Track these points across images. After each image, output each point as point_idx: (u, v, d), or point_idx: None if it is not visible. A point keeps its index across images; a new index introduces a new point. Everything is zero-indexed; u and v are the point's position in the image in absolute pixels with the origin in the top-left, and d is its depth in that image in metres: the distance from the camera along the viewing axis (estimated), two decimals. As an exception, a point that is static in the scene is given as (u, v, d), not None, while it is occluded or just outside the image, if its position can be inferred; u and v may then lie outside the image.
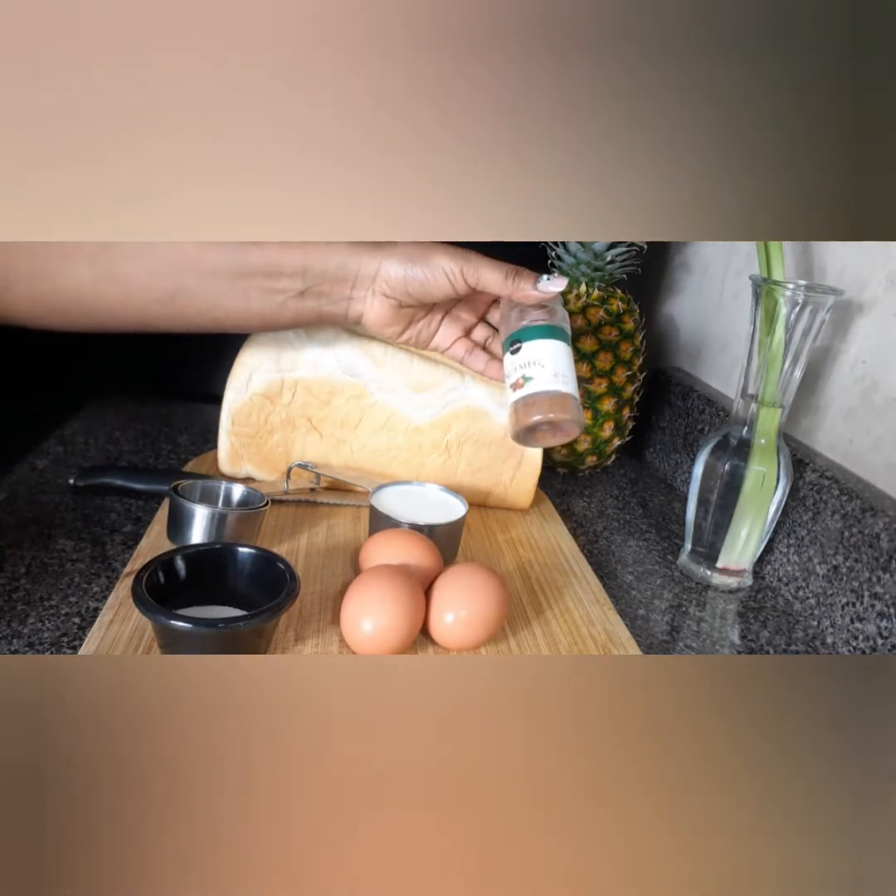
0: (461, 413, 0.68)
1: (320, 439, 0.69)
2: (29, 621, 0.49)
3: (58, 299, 0.52)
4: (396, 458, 0.69)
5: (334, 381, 0.67)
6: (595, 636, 0.54)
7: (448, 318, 0.61)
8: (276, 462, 0.69)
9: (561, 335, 0.56)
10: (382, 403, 0.68)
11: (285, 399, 0.67)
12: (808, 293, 0.59)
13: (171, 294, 0.53)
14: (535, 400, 0.54)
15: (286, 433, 0.69)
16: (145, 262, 0.52)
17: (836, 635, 0.59)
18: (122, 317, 0.54)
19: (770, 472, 0.62)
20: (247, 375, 0.67)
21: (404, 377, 0.67)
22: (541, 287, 0.56)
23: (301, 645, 0.49)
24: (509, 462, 0.70)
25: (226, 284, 0.53)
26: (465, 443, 0.69)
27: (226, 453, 0.69)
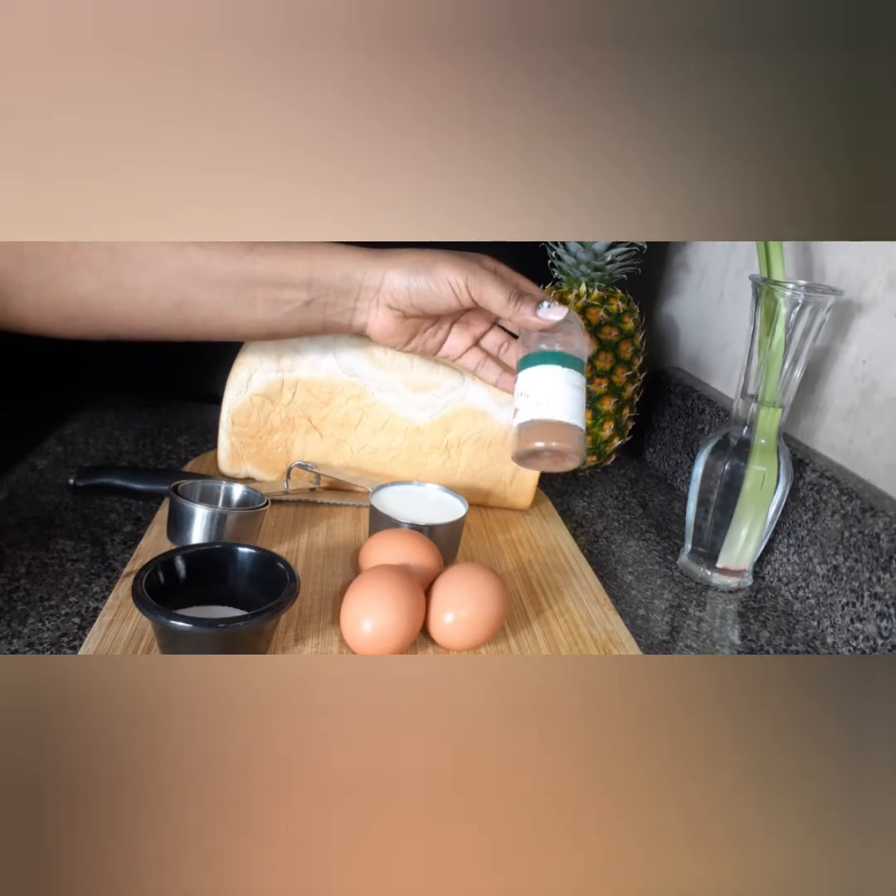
0: (461, 413, 0.68)
1: (320, 439, 0.69)
2: (29, 621, 0.49)
3: (65, 308, 0.52)
4: (396, 458, 0.69)
5: (334, 381, 0.67)
6: (595, 636, 0.54)
7: (457, 325, 0.61)
8: (276, 462, 0.69)
9: (568, 361, 0.55)
10: (382, 403, 0.68)
11: (285, 399, 0.67)
12: (808, 293, 0.59)
13: (177, 304, 0.53)
14: (530, 427, 0.53)
15: (286, 433, 0.69)
16: (151, 272, 0.52)
17: (836, 635, 0.59)
18: (129, 326, 0.54)
19: (770, 472, 0.62)
20: (247, 375, 0.67)
21: (404, 377, 0.67)
22: (540, 314, 0.55)
23: (301, 645, 0.49)
24: (509, 462, 0.69)
25: (231, 294, 0.54)
26: (465, 443, 0.69)
27: (226, 453, 0.69)
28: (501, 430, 0.69)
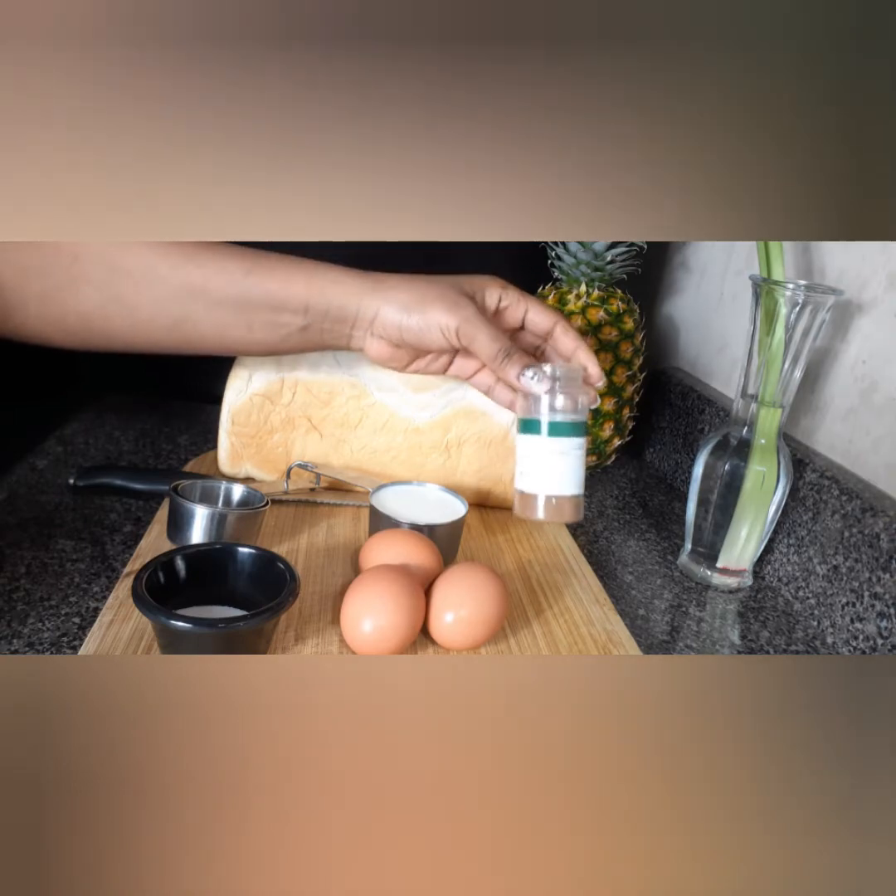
0: (461, 413, 0.68)
1: (320, 439, 0.69)
2: (29, 621, 0.49)
3: (67, 322, 0.53)
4: (396, 458, 0.69)
5: (334, 381, 0.67)
6: (595, 636, 0.54)
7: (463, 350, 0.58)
8: (276, 462, 0.69)
9: (558, 430, 0.53)
10: (382, 403, 0.68)
11: (285, 399, 0.67)
12: (808, 293, 0.59)
13: (176, 321, 0.54)
14: (519, 496, 0.55)
15: (286, 433, 0.69)
16: (152, 288, 0.52)
17: (836, 635, 0.59)
18: (129, 340, 0.55)
19: (770, 472, 0.62)
20: (247, 375, 0.67)
21: (404, 377, 0.67)
22: (522, 381, 0.54)
23: (301, 645, 0.49)
24: (509, 462, 0.69)
25: (230, 315, 0.54)
26: (465, 443, 0.69)
27: (226, 453, 0.69)
28: (501, 430, 0.69)
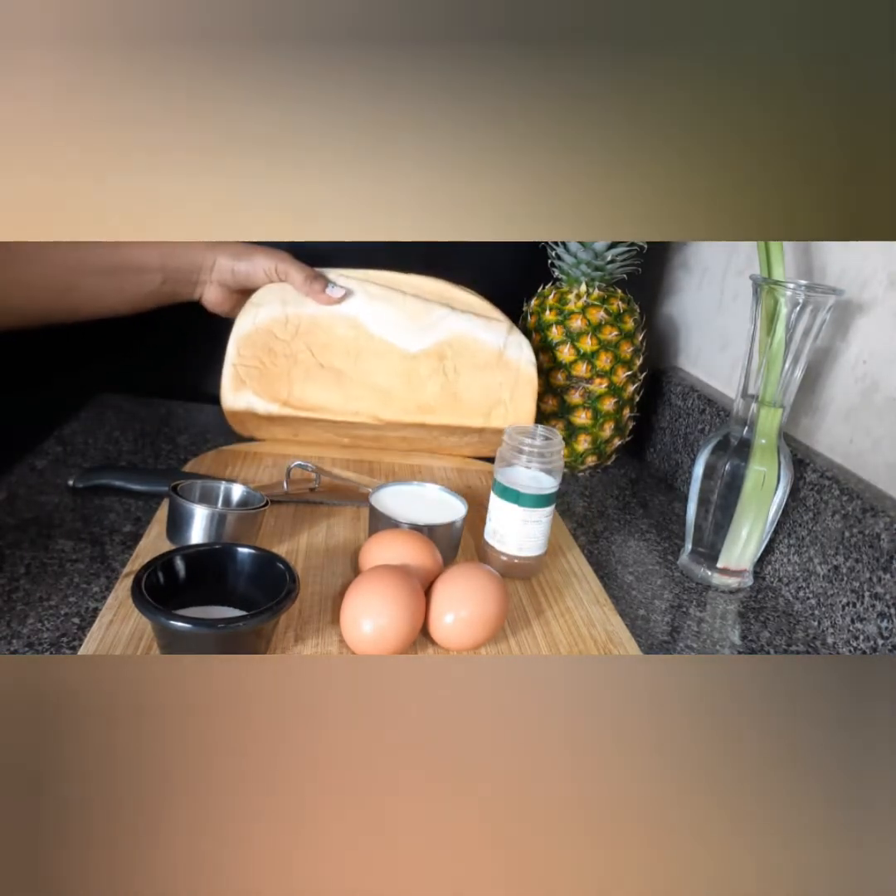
0: (452, 340, 0.75)
1: (321, 370, 0.75)
2: (28, 621, 0.49)
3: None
4: (396, 387, 0.75)
5: (335, 315, 0.75)
6: (595, 636, 0.54)
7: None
8: (277, 391, 0.75)
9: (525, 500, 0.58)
10: (380, 336, 0.75)
11: (289, 332, 0.74)
12: (809, 293, 0.59)
13: (62, 292, 0.69)
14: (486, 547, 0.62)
15: (289, 365, 0.75)
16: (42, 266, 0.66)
17: (836, 635, 0.59)
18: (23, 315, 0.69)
19: (770, 472, 0.62)
20: (254, 311, 0.75)
21: (398, 310, 0.75)
22: (328, 291, 0.73)
23: (301, 645, 0.49)
24: (505, 383, 0.76)
25: (105, 280, 0.71)
26: (460, 368, 0.75)
27: (229, 381, 0.75)
28: (494, 352, 0.75)
